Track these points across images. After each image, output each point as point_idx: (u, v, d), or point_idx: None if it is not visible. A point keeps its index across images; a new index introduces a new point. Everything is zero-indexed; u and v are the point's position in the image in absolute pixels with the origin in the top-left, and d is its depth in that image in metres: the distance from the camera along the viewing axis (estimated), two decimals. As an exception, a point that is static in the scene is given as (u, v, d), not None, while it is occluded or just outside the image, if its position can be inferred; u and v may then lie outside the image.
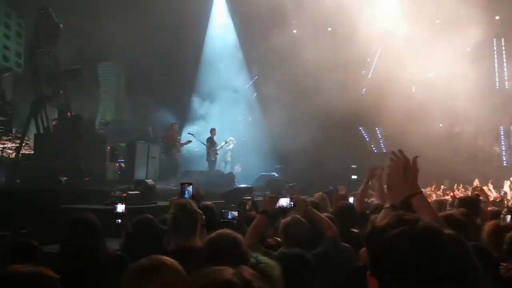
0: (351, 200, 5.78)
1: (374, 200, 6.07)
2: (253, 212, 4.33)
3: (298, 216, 3.47)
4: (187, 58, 16.64)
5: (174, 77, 15.98)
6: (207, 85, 16.75)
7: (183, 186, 3.59)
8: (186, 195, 3.55)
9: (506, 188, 11.76)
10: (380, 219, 1.32)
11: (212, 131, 14.07)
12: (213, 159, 13.61)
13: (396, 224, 1.15)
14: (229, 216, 4.62)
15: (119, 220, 4.05)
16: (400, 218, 1.17)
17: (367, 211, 4.75)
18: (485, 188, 9.00)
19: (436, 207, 5.22)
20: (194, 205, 3.08)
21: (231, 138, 14.92)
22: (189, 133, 13.84)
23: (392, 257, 1.11)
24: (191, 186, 3.61)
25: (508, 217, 3.94)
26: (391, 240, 1.12)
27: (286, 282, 2.03)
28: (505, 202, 8.70)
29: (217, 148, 13.76)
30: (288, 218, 3.40)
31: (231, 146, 14.97)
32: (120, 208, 4.09)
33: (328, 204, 5.24)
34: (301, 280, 2.54)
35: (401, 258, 1.10)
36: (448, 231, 1.17)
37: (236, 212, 4.60)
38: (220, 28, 17.45)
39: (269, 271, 1.98)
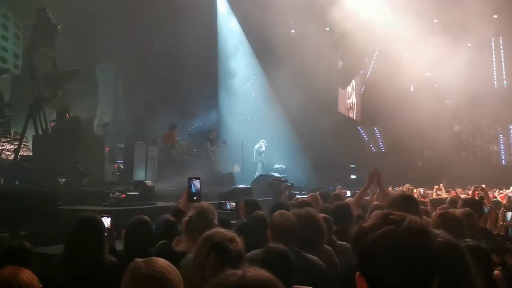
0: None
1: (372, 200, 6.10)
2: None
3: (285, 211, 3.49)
4: (186, 57, 16.62)
5: (173, 77, 15.97)
6: (207, 85, 16.75)
7: (190, 180, 3.59)
8: (193, 189, 3.54)
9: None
10: None
11: (212, 132, 14.09)
12: (213, 160, 13.62)
13: (382, 224, 1.15)
14: (228, 207, 4.69)
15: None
16: (386, 218, 1.17)
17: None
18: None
19: (434, 206, 5.22)
20: (213, 212, 3.11)
21: (263, 140, 15.27)
22: (188, 134, 13.91)
23: (378, 257, 1.11)
24: (198, 180, 3.60)
25: (509, 214, 3.93)
26: (376, 240, 1.13)
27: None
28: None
29: (217, 149, 13.78)
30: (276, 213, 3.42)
31: (263, 148, 15.50)
32: (104, 222, 3.63)
33: (319, 204, 5.30)
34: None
35: (386, 258, 1.10)
36: (438, 231, 1.17)
37: (234, 203, 4.67)
38: (221, 27, 17.44)
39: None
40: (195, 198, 3.50)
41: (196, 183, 3.57)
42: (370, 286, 1.14)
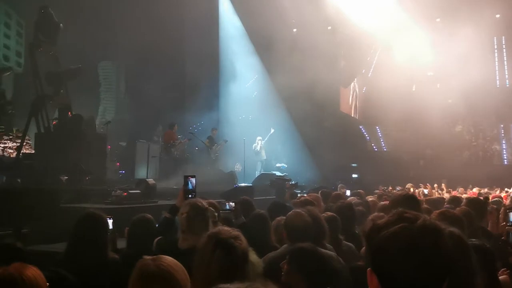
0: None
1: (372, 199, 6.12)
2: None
3: (300, 210, 3.48)
4: (188, 55, 16.61)
5: (175, 75, 15.96)
6: (209, 83, 16.74)
7: (186, 178, 3.62)
8: (190, 187, 3.58)
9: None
10: None
11: (213, 130, 14.07)
12: (213, 158, 13.62)
13: (396, 221, 1.15)
14: (227, 207, 4.74)
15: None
16: (400, 215, 1.17)
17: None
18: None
19: (430, 206, 5.22)
20: (204, 203, 3.13)
21: (259, 137, 15.16)
22: (190, 132, 13.84)
23: (390, 253, 1.11)
24: (194, 178, 3.65)
25: (511, 215, 3.90)
26: (390, 237, 1.13)
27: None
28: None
29: (217, 147, 13.78)
30: (290, 212, 3.41)
31: (258, 147, 15.38)
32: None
33: (321, 203, 5.33)
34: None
35: (399, 254, 1.10)
36: (451, 229, 1.16)
37: (233, 203, 4.70)
38: (224, 25, 17.42)
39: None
40: (190, 195, 3.54)
41: (192, 180, 3.62)
42: (381, 282, 1.14)
